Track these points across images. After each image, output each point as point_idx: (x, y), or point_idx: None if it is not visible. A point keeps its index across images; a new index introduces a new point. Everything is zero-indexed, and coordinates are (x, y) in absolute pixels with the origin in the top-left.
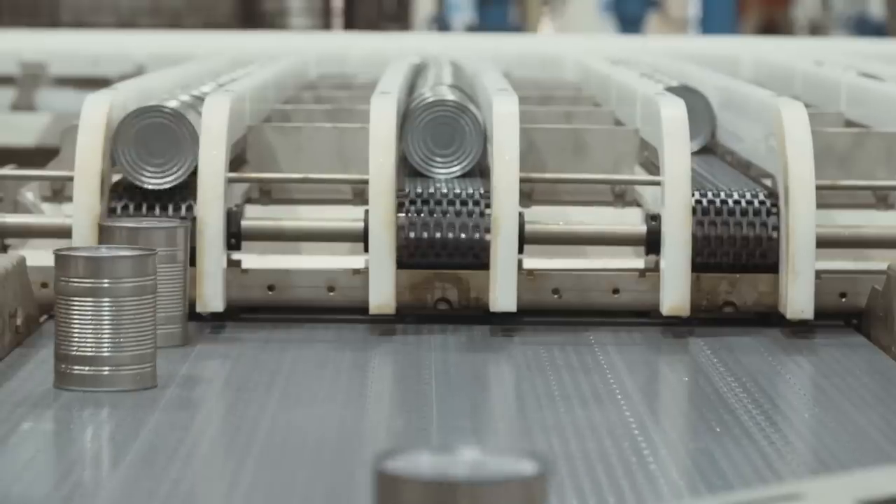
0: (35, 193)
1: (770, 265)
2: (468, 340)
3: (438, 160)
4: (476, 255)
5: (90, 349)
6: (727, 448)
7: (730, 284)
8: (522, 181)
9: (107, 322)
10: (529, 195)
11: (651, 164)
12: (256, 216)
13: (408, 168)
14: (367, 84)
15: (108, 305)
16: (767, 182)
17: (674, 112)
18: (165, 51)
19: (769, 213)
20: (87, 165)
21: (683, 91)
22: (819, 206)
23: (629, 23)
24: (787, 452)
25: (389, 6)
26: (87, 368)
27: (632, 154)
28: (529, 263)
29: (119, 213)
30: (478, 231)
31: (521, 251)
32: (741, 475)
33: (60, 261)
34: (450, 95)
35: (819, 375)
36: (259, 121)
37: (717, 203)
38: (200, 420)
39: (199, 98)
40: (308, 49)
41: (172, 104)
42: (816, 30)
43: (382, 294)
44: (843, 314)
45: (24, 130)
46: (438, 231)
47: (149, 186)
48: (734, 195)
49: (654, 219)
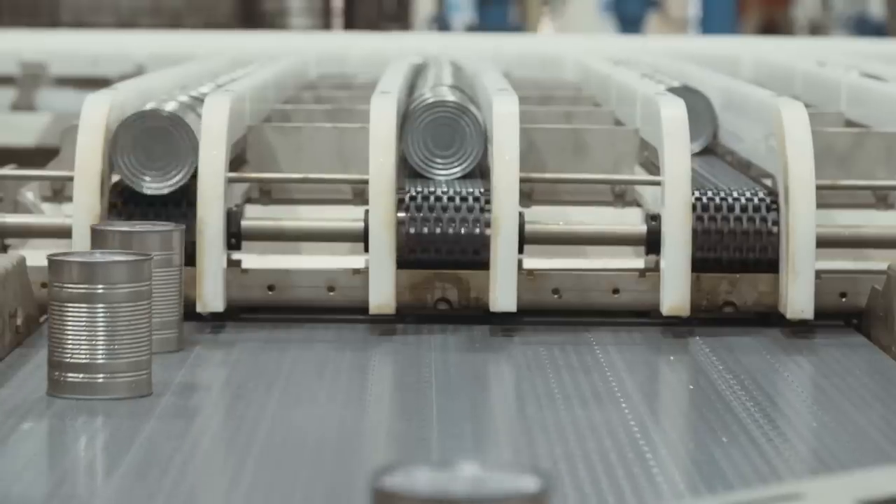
0: (35, 193)
1: (770, 260)
2: (468, 340)
3: (439, 161)
4: (476, 252)
5: (84, 356)
6: (727, 448)
7: (730, 284)
8: (522, 181)
9: (101, 329)
10: (529, 195)
11: (651, 164)
12: (256, 216)
13: (408, 168)
14: (367, 84)
15: (103, 312)
16: (768, 182)
17: (674, 112)
18: (165, 51)
19: (769, 209)
20: (87, 165)
21: (686, 92)
22: (819, 206)
23: (629, 23)
24: (787, 452)
25: (389, 6)
26: (81, 376)
27: (632, 154)
28: (529, 263)
29: (119, 213)
30: (478, 226)
31: (521, 251)
32: (741, 475)
33: (54, 266)
34: (450, 96)
35: (819, 375)
36: (259, 121)
37: (717, 200)
38: (197, 428)
39: (199, 99)
40: (308, 49)
41: (170, 107)
42: (816, 30)
43: (382, 294)
44: (843, 314)
45: (24, 130)
46: (438, 226)
47: (148, 192)
48: (734, 192)
49: (654, 219)
